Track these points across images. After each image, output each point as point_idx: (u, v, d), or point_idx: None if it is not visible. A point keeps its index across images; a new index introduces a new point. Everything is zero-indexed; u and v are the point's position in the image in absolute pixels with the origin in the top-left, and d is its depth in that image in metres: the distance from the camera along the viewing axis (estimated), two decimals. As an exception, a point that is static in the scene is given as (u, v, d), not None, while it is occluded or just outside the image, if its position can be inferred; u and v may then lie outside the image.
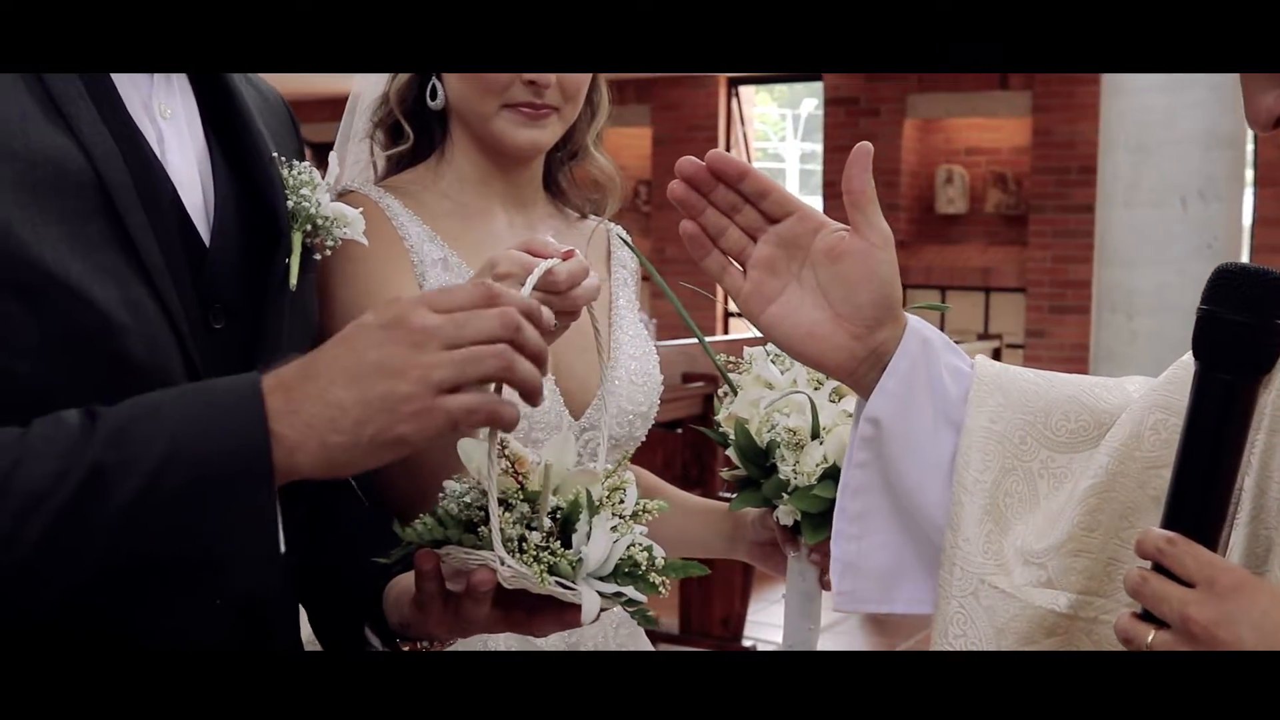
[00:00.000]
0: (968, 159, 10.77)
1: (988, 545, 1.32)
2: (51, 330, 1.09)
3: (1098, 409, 1.37)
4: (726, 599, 5.87)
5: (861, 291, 1.31)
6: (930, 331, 1.37)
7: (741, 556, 1.97)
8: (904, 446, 1.35)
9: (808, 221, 1.33)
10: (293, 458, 1.07)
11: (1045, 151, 10.13)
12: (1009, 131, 10.56)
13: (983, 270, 10.55)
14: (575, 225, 1.97)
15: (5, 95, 1.11)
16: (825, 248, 1.32)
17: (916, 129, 10.82)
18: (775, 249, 1.33)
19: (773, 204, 1.33)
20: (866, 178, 1.31)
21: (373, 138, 1.90)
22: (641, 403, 1.87)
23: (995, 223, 10.64)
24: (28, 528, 1.00)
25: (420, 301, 1.11)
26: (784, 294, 1.34)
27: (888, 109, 10.76)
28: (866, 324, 1.32)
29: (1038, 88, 10.13)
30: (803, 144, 15.15)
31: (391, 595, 1.39)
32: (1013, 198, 10.53)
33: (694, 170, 1.32)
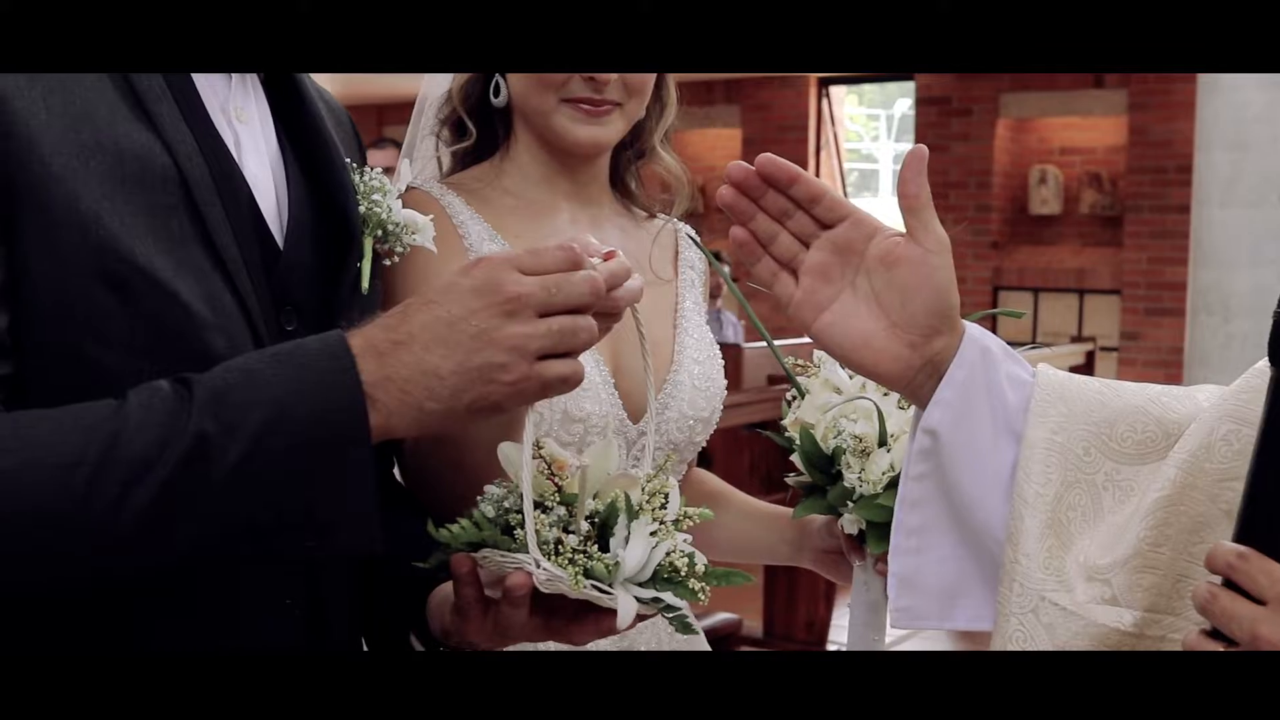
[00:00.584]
0: (1062, 159, 10.63)
1: (1049, 561, 1.27)
2: (139, 322, 1.11)
3: (1166, 419, 1.31)
4: (811, 603, 5.82)
5: (917, 299, 1.27)
6: (990, 339, 1.32)
7: (807, 564, 1.93)
8: (963, 458, 1.30)
9: (862, 227, 1.29)
10: (388, 422, 1.09)
11: (1141, 150, 9.96)
12: (1104, 130, 10.39)
13: (1077, 272, 10.39)
14: (642, 225, 1.93)
15: (93, 92, 1.13)
16: (880, 254, 1.28)
17: (1009, 128, 10.69)
18: (828, 255, 1.29)
19: (825, 209, 1.29)
20: (922, 181, 1.26)
21: (438, 135, 1.89)
22: (704, 408, 1.83)
23: (1090, 223, 10.48)
24: (133, 497, 1.02)
25: (508, 262, 1.12)
26: (837, 302, 1.30)
27: (980, 108, 10.64)
28: (922, 332, 1.28)
29: (1133, 85, 9.96)
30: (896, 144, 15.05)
31: (434, 602, 1.38)
32: (1108, 198, 10.36)
33: (743, 175, 1.28)
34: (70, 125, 1.10)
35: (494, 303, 1.10)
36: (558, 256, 1.13)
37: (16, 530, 1.01)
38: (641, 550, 1.22)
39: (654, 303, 1.85)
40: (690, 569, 1.25)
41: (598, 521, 1.24)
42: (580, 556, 1.20)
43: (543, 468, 1.25)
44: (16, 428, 1.03)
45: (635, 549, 1.22)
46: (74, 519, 1.01)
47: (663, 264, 1.91)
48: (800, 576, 5.42)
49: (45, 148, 1.08)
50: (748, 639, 5.80)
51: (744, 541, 1.99)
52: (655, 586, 1.24)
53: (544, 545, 1.20)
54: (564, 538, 1.21)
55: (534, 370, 1.11)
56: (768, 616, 5.94)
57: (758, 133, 11.92)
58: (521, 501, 1.23)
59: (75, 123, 1.10)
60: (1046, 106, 10.55)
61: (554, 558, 1.19)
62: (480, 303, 1.10)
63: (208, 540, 1.06)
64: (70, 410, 1.05)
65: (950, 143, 10.75)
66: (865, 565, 1.80)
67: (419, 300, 1.13)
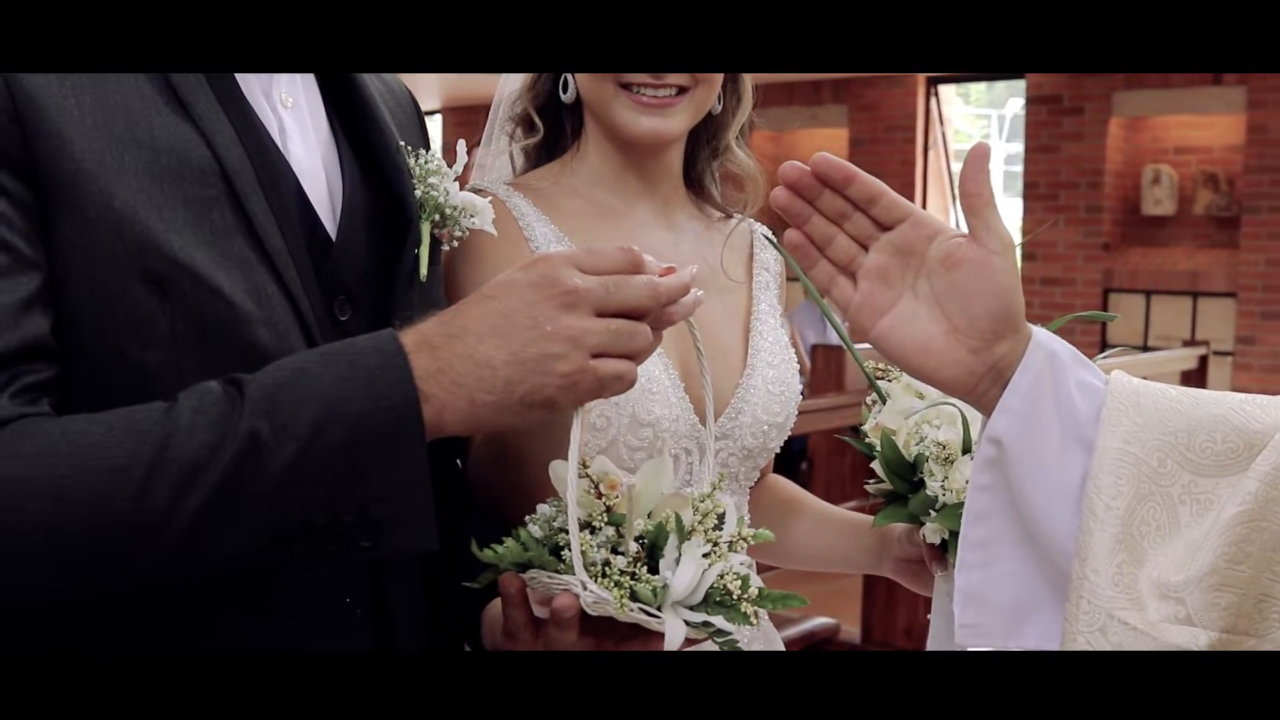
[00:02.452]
0: (1176, 158, 10.38)
1: (1118, 577, 1.21)
2: (181, 319, 1.10)
3: (1248, 429, 1.24)
4: (910, 608, 5.74)
5: (978, 302, 1.23)
6: (1058, 344, 1.27)
7: (887, 573, 1.89)
8: (1030, 468, 1.25)
9: (922, 227, 1.24)
10: (441, 416, 1.08)
11: (1260, 149, 9.70)
12: (1221, 129, 10.14)
13: (1190, 274, 10.16)
14: (716, 225, 1.89)
15: (127, 84, 1.11)
16: (941, 255, 1.23)
17: (1122, 127, 10.48)
18: (888, 257, 1.25)
19: (883, 210, 1.25)
20: (984, 179, 1.22)
21: (510, 134, 1.86)
22: (778, 413, 1.79)
23: (1205, 224, 10.23)
24: (187, 499, 1.01)
25: (567, 260, 1.11)
26: (897, 305, 1.25)
27: (1092, 107, 10.44)
28: (984, 337, 1.24)
29: (1253, 82, 9.70)
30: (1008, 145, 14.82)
31: (486, 619, 1.37)
32: (1224, 198, 10.11)
33: (798, 176, 1.24)
34: (103, 121, 1.08)
35: (551, 295, 1.09)
36: (617, 257, 1.13)
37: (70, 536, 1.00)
38: (692, 572, 1.20)
39: (726, 307, 1.81)
40: (743, 592, 1.22)
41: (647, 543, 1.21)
42: (627, 578, 1.17)
43: (589, 486, 1.22)
44: (66, 433, 1.02)
45: (686, 571, 1.19)
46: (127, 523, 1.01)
47: (735, 266, 1.87)
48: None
49: (77, 145, 1.07)
50: (845, 644, 5.74)
51: (821, 550, 1.95)
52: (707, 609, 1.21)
53: (591, 566, 1.18)
54: (612, 559, 1.19)
55: (589, 365, 1.09)
56: (866, 621, 5.88)
57: (865, 133, 11.80)
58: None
59: (108, 118, 1.09)
60: (1161, 104, 10.32)
61: (601, 579, 1.17)
62: (537, 295, 1.09)
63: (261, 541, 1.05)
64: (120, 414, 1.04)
65: (1061, 142, 10.56)
66: (947, 575, 1.75)
67: (475, 296, 1.12)
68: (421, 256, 1.30)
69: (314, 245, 1.21)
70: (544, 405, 1.10)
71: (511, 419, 1.11)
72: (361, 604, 1.24)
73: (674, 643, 1.18)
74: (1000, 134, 14.75)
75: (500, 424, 1.12)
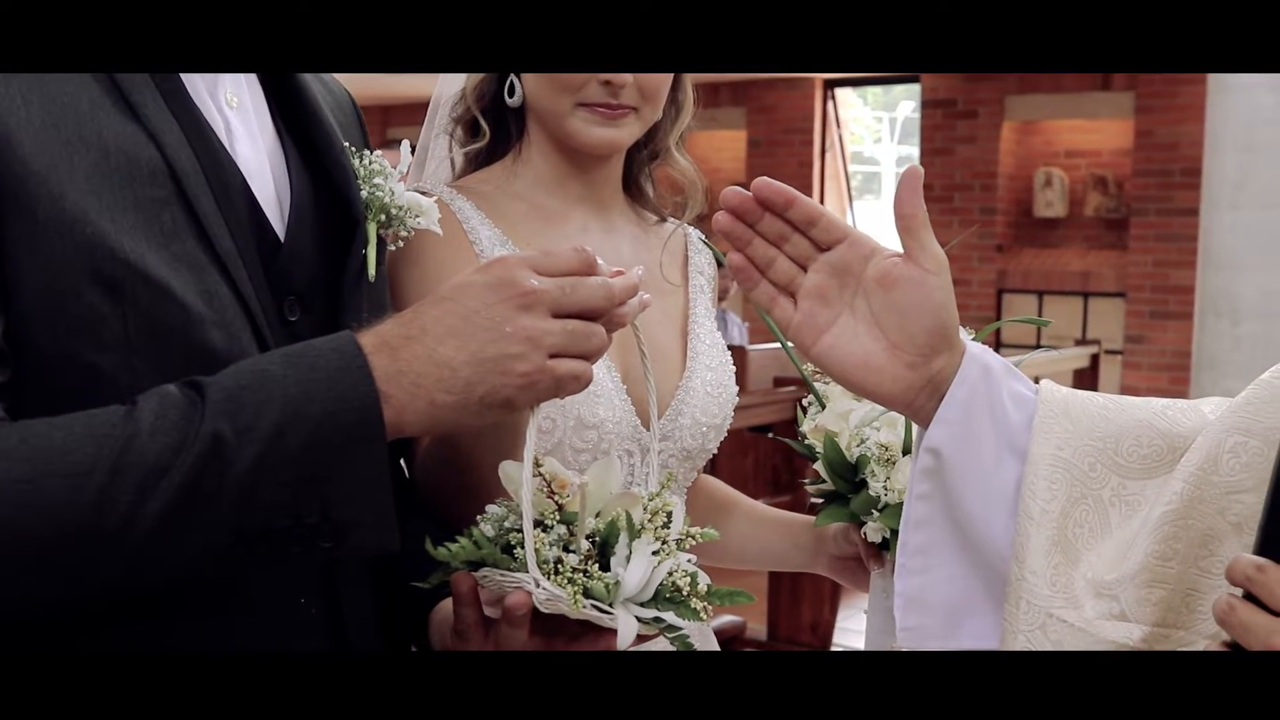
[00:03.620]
0: (1067, 161, 10.62)
1: (1055, 578, 1.26)
2: (133, 321, 1.09)
3: (1172, 433, 1.31)
4: (816, 606, 5.82)
5: (915, 319, 1.27)
6: (991, 357, 1.32)
7: (822, 570, 1.92)
8: (966, 477, 1.30)
9: (859, 248, 1.28)
10: (401, 416, 1.09)
11: (1148, 153, 9.95)
12: (1110, 133, 10.38)
13: (1081, 275, 10.39)
14: (652, 229, 1.91)
15: (74, 85, 1.10)
16: (878, 275, 1.27)
17: (1015, 131, 10.69)
18: (826, 277, 1.29)
19: (822, 231, 1.28)
20: (918, 201, 1.26)
21: (451, 134, 1.86)
22: (716, 414, 1.82)
23: (1095, 226, 10.47)
24: (150, 502, 1.01)
25: (524, 262, 1.13)
26: (836, 324, 1.29)
27: (985, 111, 10.64)
28: (921, 352, 1.28)
29: (1140, 88, 9.95)
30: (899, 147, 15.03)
31: (435, 619, 1.38)
32: (1113, 201, 10.36)
33: (740, 200, 1.27)
34: (51, 123, 1.07)
35: (509, 296, 1.11)
36: (572, 259, 1.15)
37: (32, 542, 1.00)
38: (643, 570, 1.22)
39: (664, 310, 1.83)
40: (693, 588, 1.24)
41: (598, 541, 1.23)
42: (580, 576, 1.19)
43: (542, 486, 1.24)
44: (27, 437, 1.02)
45: (636, 568, 1.22)
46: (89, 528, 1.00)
47: (671, 270, 1.89)
48: (804, 579, 5.41)
49: (25, 147, 1.05)
50: (752, 642, 5.79)
51: (756, 549, 1.98)
52: (657, 606, 1.23)
53: (544, 564, 1.20)
54: (564, 557, 1.21)
55: (547, 365, 1.11)
56: (772, 620, 5.94)
57: (763, 135, 11.91)
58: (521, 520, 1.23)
59: (56, 120, 1.08)
60: (1052, 109, 10.54)
61: (554, 577, 1.19)
62: (495, 296, 1.11)
63: (224, 543, 1.05)
64: (79, 417, 1.04)
65: (955, 145, 10.74)
66: (884, 572, 1.79)
67: (432, 298, 1.13)
68: (369, 257, 1.31)
69: (263, 246, 1.21)
70: (503, 405, 1.12)
71: (471, 419, 1.13)
72: (316, 603, 1.25)
73: (626, 638, 1.20)
74: (892, 137, 14.96)
75: (459, 424, 1.13)
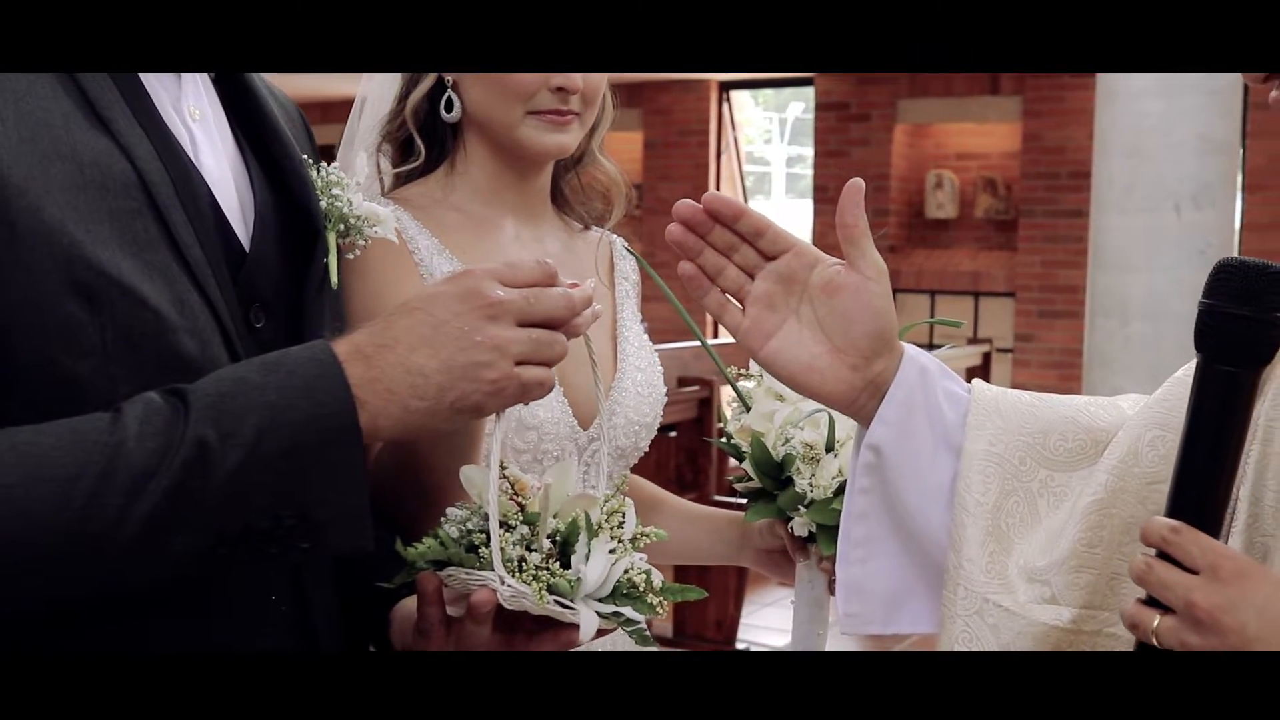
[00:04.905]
0: (958, 164, 10.81)
1: (991, 565, 1.35)
2: (110, 329, 1.11)
3: (1094, 427, 1.40)
4: (720, 603, 5.88)
5: (857, 324, 1.35)
6: (926, 359, 1.41)
7: (748, 564, 1.99)
8: (905, 471, 1.38)
9: (804, 257, 1.36)
10: (376, 422, 1.12)
11: (1035, 156, 10.17)
12: (999, 136, 10.59)
13: (972, 275, 10.58)
14: (579, 236, 1.97)
15: (46, 99, 1.12)
16: (821, 282, 1.35)
17: (907, 134, 10.85)
18: (773, 285, 1.36)
19: (769, 242, 1.36)
20: (859, 213, 1.34)
21: (380, 150, 1.90)
22: (647, 414, 1.88)
23: (985, 227, 10.67)
24: (137, 505, 1.04)
25: (490, 274, 1.18)
26: (782, 329, 1.36)
27: (878, 114, 10.79)
28: (863, 355, 1.36)
29: (1028, 93, 10.16)
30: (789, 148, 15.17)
31: (396, 619, 1.41)
32: (1002, 202, 10.56)
33: (690, 213, 1.34)
34: (28, 135, 1.09)
35: (477, 306, 1.15)
36: (535, 271, 1.20)
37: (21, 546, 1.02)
38: (602, 567, 1.27)
39: None
40: (648, 585, 1.30)
41: (559, 540, 1.28)
42: (544, 573, 1.24)
43: (506, 488, 1.29)
44: (14, 444, 1.04)
45: (595, 566, 1.27)
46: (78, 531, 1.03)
47: (600, 276, 1.95)
48: (710, 576, 5.47)
49: (4, 160, 1.07)
50: (658, 638, 5.83)
51: (682, 544, 2.04)
52: (615, 602, 1.28)
53: (508, 563, 1.24)
54: (527, 556, 1.26)
55: (514, 372, 1.16)
56: (678, 616, 6.00)
57: (659, 136, 11.98)
58: (484, 521, 1.28)
59: (33, 133, 1.09)
60: (942, 113, 10.72)
61: (518, 575, 1.24)
62: (464, 306, 1.15)
63: (207, 545, 1.08)
64: (65, 424, 1.06)
65: (849, 148, 10.89)
66: (809, 563, 1.86)
67: (402, 308, 1.17)
68: (331, 265, 1.34)
69: (229, 255, 1.23)
70: (472, 410, 1.17)
71: (441, 424, 1.17)
72: (286, 601, 1.27)
73: (588, 632, 1.25)
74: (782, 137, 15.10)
75: (430, 429, 1.17)
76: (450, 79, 1.84)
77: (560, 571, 1.25)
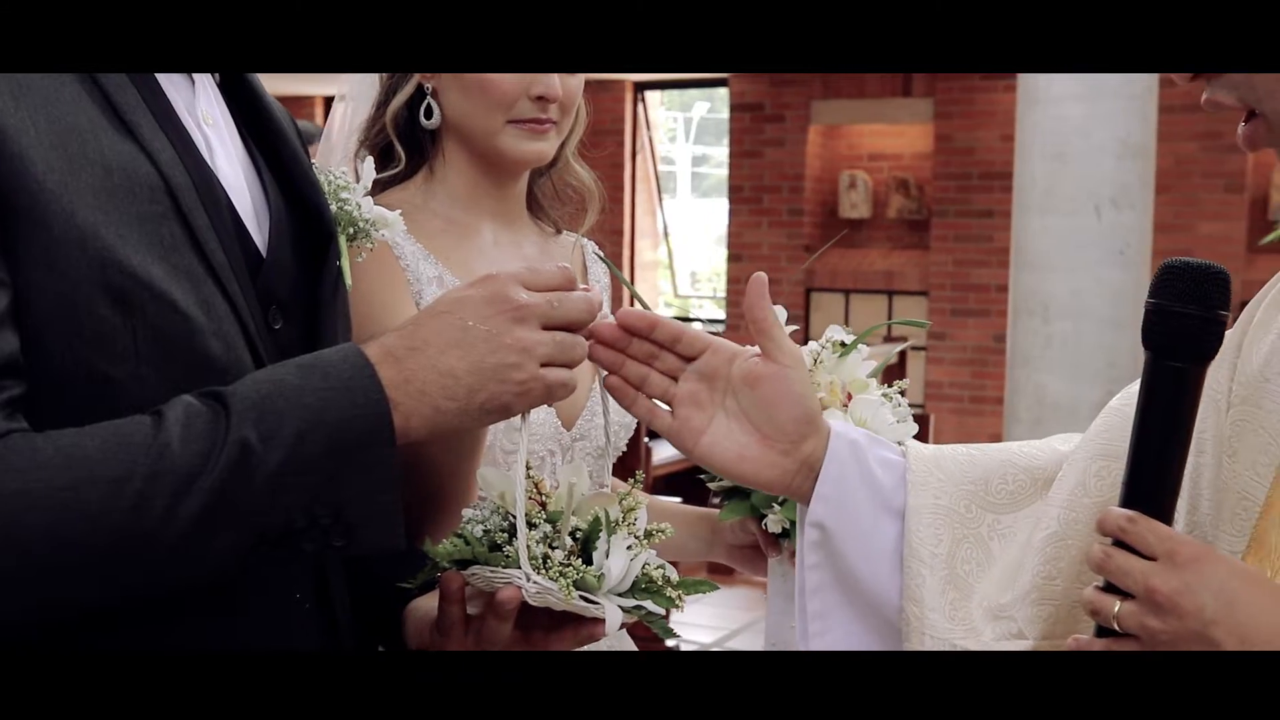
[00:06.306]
0: (870, 164, 10.91)
1: (954, 613, 1.41)
2: (142, 332, 1.13)
3: (1031, 467, 1.48)
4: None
5: (781, 411, 1.40)
6: (854, 431, 1.47)
7: (720, 559, 2.03)
8: (850, 542, 1.44)
9: (721, 353, 1.41)
10: (408, 423, 1.16)
11: (947, 157, 10.29)
12: (911, 138, 10.71)
13: (885, 274, 10.69)
14: (553, 241, 2.01)
15: (73, 105, 1.14)
16: (742, 375, 1.40)
17: (820, 135, 10.94)
18: (696, 384, 1.41)
19: (686, 345, 1.41)
20: (766, 304, 1.40)
21: (358, 156, 1.92)
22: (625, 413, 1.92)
23: (898, 227, 10.78)
24: (184, 506, 1.07)
25: (514, 278, 1.22)
26: (712, 425, 1.41)
27: (792, 115, 10.86)
28: (792, 439, 1.41)
29: (939, 95, 10.29)
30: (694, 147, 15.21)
31: (411, 618, 1.44)
32: (915, 203, 10.68)
33: (609, 331, 1.39)
34: (59, 141, 1.11)
35: (504, 310, 1.20)
36: (557, 275, 1.25)
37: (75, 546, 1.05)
38: (622, 562, 1.31)
39: None
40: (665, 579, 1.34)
41: (579, 537, 1.32)
42: (570, 570, 1.28)
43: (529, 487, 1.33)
44: (61, 447, 1.06)
45: (617, 562, 1.31)
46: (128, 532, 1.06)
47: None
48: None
49: (38, 165, 1.09)
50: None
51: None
52: (634, 596, 1.32)
53: (532, 560, 1.28)
54: (550, 553, 1.29)
55: (540, 373, 1.20)
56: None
57: (574, 136, 11.95)
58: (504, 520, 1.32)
59: (63, 138, 1.12)
60: (855, 114, 10.82)
61: (543, 572, 1.27)
62: (491, 310, 1.20)
63: (248, 544, 1.11)
64: (107, 427, 1.09)
65: (763, 148, 10.95)
66: (781, 558, 1.91)
67: (429, 311, 1.22)
68: (344, 267, 1.38)
69: (247, 258, 1.26)
70: (500, 411, 1.21)
71: (471, 424, 1.22)
72: (310, 600, 1.30)
73: (614, 625, 1.29)
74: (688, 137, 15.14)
75: (459, 429, 1.23)
76: (430, 86, 1.87)
77: (584, 568, 1.28)
